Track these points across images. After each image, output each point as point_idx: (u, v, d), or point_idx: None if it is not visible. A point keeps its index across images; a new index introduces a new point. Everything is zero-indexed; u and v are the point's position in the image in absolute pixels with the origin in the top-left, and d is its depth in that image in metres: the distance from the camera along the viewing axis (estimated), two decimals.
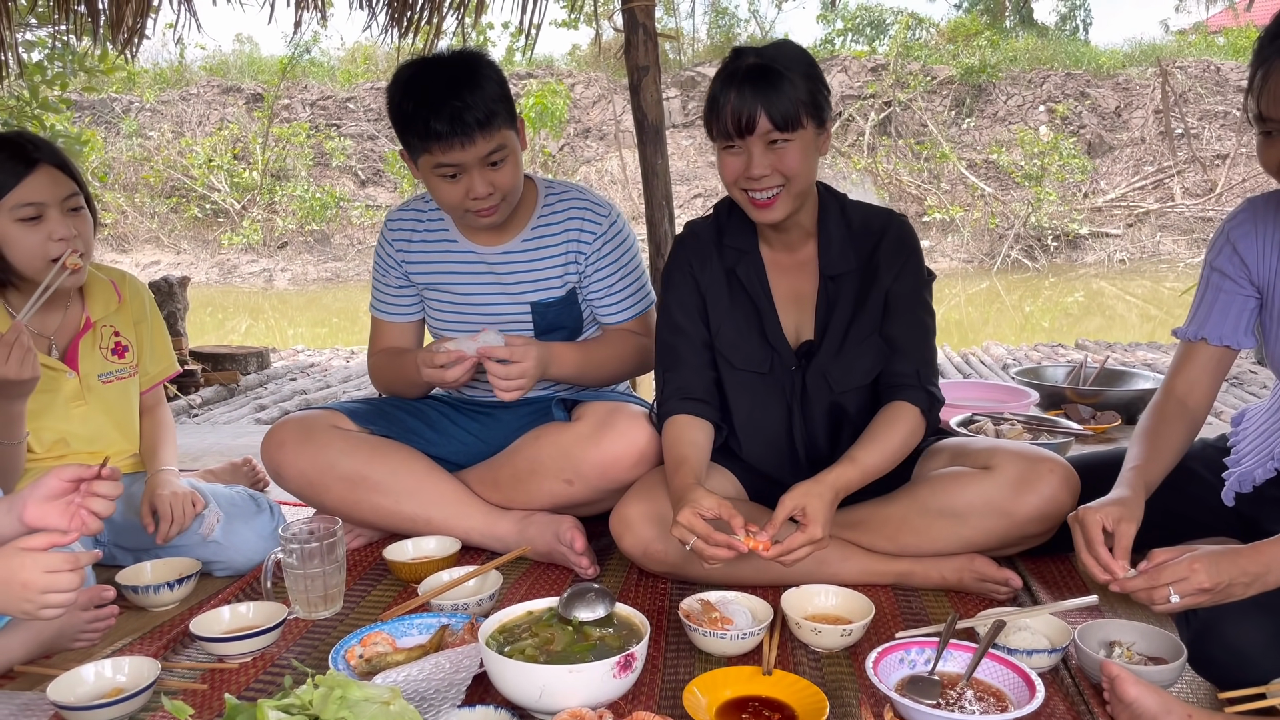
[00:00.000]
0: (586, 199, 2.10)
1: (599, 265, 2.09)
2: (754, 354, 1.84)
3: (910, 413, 1.75)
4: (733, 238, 1.86)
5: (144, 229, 14.04)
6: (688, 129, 14.48)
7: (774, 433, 1.87)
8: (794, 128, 1.63)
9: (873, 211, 1.86)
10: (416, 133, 1.84)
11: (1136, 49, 15.41)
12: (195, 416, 3.84)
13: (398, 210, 2.19)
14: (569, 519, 1.91)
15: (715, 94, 1.65)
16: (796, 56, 1.66)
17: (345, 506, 1.97)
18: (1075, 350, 5.25)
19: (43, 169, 1.82)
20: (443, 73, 1.84)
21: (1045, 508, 1.71)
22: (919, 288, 1.82)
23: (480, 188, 1.89)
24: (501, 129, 1.86)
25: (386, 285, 2.20)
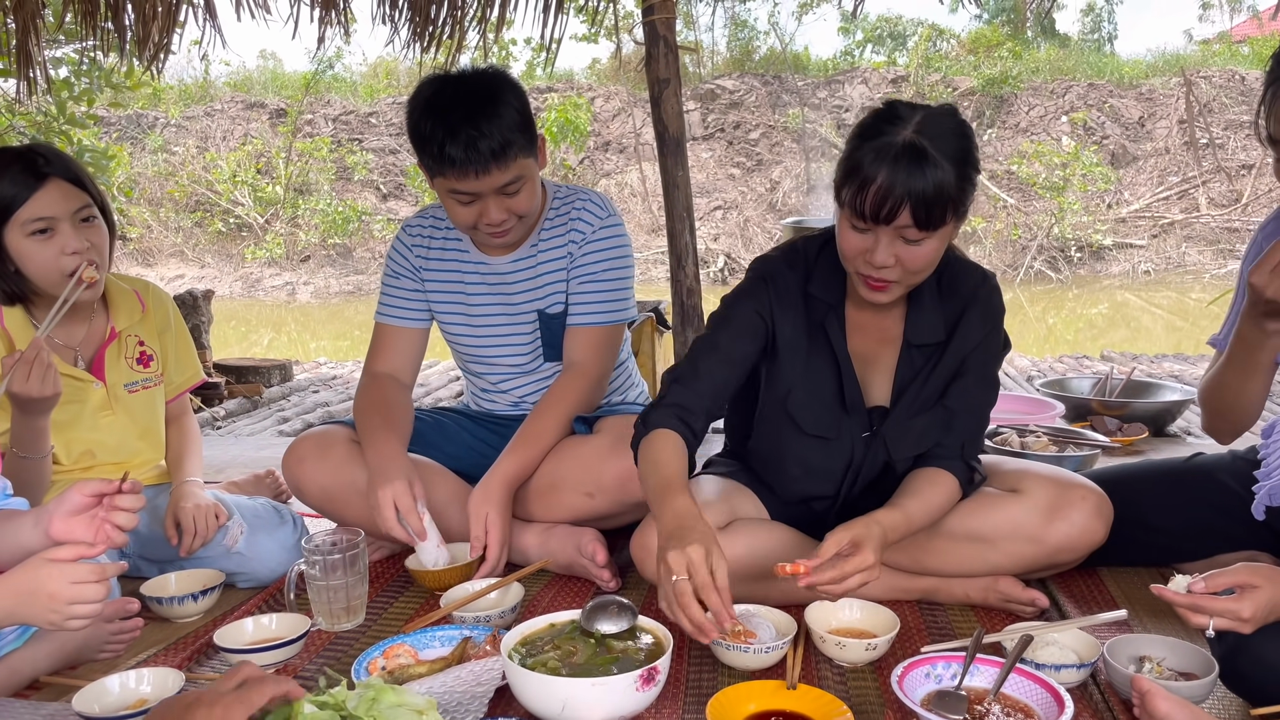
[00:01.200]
0: (589, 199, 2.07)
1: (582, 264, 2.03)
2: (824, 418, 1.71)
3: (951, 481, 1.67)
4: (820, 287, 1.70)
5: (169, 243, 14.20)
6: (707, 141, 14.51)
7: (824, 489, 1.78)
8: (936, 225, 1.47)
9: (965, 270, 1.71)
10: (431, 155, 1.82)
11: (1160, 59, 15.33)
12: (219, 428, 3.87)
13: (416, 216, 2.17)
14: (590, 532, 1.90)
15: (859, 163, 1.45)
16: (954, 134, 1.47)
17: (366, 521, 1.97)
18: (1101, 362, 5.20)
19: (53, 183, 1.82)
20: (462, 96, 1.80)
21: (1077, 536, 1.68)
22: (991, 361, 1.73)
23: (494, 215, 1.87)
24: (518, 158, 1.82)
25: (399, 289, 2.14)
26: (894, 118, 1.47)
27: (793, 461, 1.76)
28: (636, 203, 13.98)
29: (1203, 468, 1.90)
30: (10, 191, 1.79)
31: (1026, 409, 3.06)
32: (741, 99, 14.97)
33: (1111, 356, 5.35)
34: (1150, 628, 1.68)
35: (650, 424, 1.64)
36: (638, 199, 14.00)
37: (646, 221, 13.68)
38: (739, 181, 14.23)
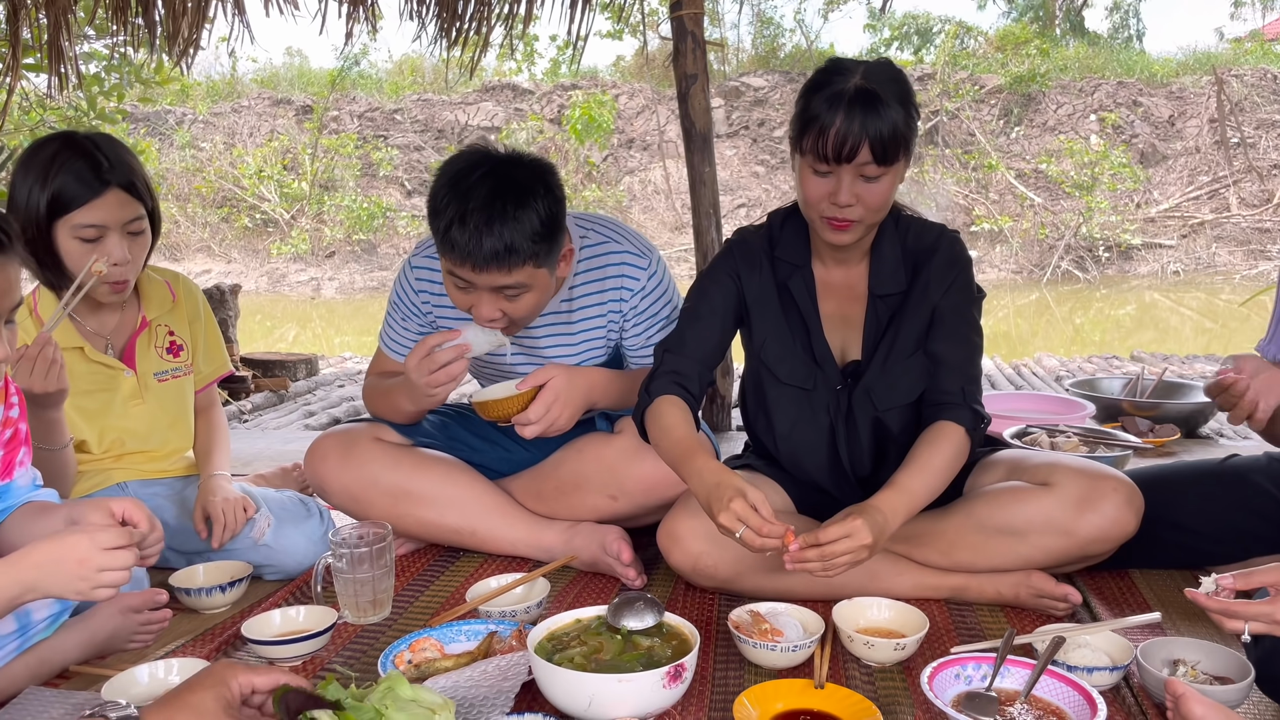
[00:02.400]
0: (625, 249, 1.96)
1: (638, 320, 1.99)
2: (799, 370, 1.81)
3: (954, 432, 1.68)
4: (785, 250, 1.82)
5: (196, 238, 14.32)
6: (732, 139, 14.46)
7: (818, 449, 1.83)
8: (891, 160, 1.59)
9: (925, 227, 1.82)
10: (436, 231, 1.71)
11: (1191, 57, 15.13)
12: (246, 422, 3.90)
13: (422, 254, 2.02)
14: (615, 529, 1.90)
15: (816, 113, 1.57)
16: (895, 80, 1.60)
17: (389, 519, 1.96)
18: (1131, 362, 5.13)
19: (112, 192, 1.84)
20: (488, 183, 1.67)
21: (1108, 528, 1.67)
22: (967, 305, 1.77)
23: (486, 310, 1.76)
24: (525, 266, 1.70)
25: (404, 328, 2.07)
26: (840, 70, 1.60)
27: (778, 415, 1.83)
28: (660, 200, 13.96)
29: (1238, 470, 1.88)
30: (71, 191, 1.81)
31: (1056, 409, 3.03)
32: (766, 96, 14.91)
33: (1142, 357, 5.28)
34: (1184, 630, 1.65)
35: (653, 392, 1.74)
36: (661, 196, 13.98)
37: (670, 219, 13.66)
38: (763, 179, 14.17)
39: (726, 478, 1.52)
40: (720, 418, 3.37)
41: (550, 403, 1.80)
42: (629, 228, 2.04)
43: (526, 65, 16.87)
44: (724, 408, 3.38)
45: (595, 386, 1.89)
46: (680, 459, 1.61)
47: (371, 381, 2.13)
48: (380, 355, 2.15)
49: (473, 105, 15.30)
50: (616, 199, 13.90)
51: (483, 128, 14.97)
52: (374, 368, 2.16)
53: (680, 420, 1.68)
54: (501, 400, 1.82)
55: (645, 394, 1.76)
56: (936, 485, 1.64)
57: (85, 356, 1.97)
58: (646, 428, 1.74)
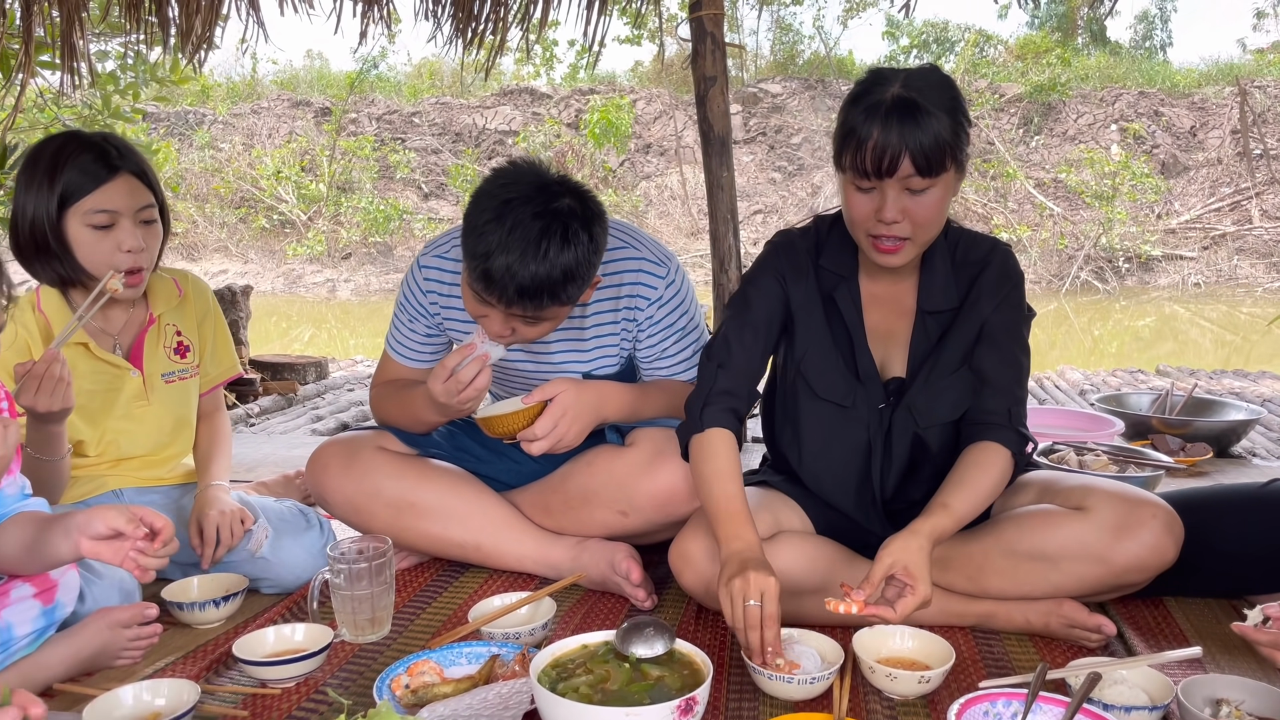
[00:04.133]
0: (642, 255, 1.88)
1: (653, 331, 1.90)
2: (838, 385, 1.72)
3: (999, 454, 1.61)
4: (831, 259, 1.73)
5: (213, 238, 14.40)
6: (749, 145, 14.42)
7: (849, 468, 1.75)
8: (937, 172, 1.50)
9: (975, 240, 1.74)
10: (469, 252, 1.62)
11: (1213, 68, 15.00)
12: (252, 425, 3.84)
13: (431, 253, 1.94)
14: (624, 548, 1.82)
15: (854, 125, 1.50)
16: (941, 88, 1.51)
17: (392, 532, 1.90)
18: (1157, 376, 5.02)
19: (122, 177, 1.80)
20: (535, 216, 1.58)
21: (1146, 556, 1.58)
22: (1017, 322, 1.69)
23: (498, 328, 1.69)
24: (551, 307, 1.65)
25: (412, 331, 1.99)
26: (880, 80, 1.52)
27: (810, 431, 1.75)
28: (676, 205, 13.92)
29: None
30: (79, 180, 1.77)
31: (1083, 425, 2.93)
32: (784, 103, 14.86)
33: (1167, 371, 5.16)
34: (1225, 666, 1.56)
35: (706, 420, 1.66)
36: (677, 201, 13.94)
37: (686, 224, 13.62)
38: (780, 186, 14.11)
39: (752, 555, 1.47)
40: None
41: (558, 417, 1.73)
42: (647, 234, 1.96)
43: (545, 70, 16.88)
44: None
45: (606, 400, 1.81)
46: (723, 519, 1.55)
47: (381, 390, 2.06)
48: (387, 360, 2.07)
49: (490, 109, 15.31)
50: (633, 204, 13.86)
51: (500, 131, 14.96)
52: (381, 374, 2.09)
53: (730, 468, 1.60)
54: (507, 416, 1.74)
55: (699, 419, 1.66)
56: (979, 507, 1.57)
57: (90, 353, 1.91)
58: (692, 457, 1.66)
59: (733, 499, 1.57)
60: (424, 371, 2.01)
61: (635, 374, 2.00)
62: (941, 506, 1.53)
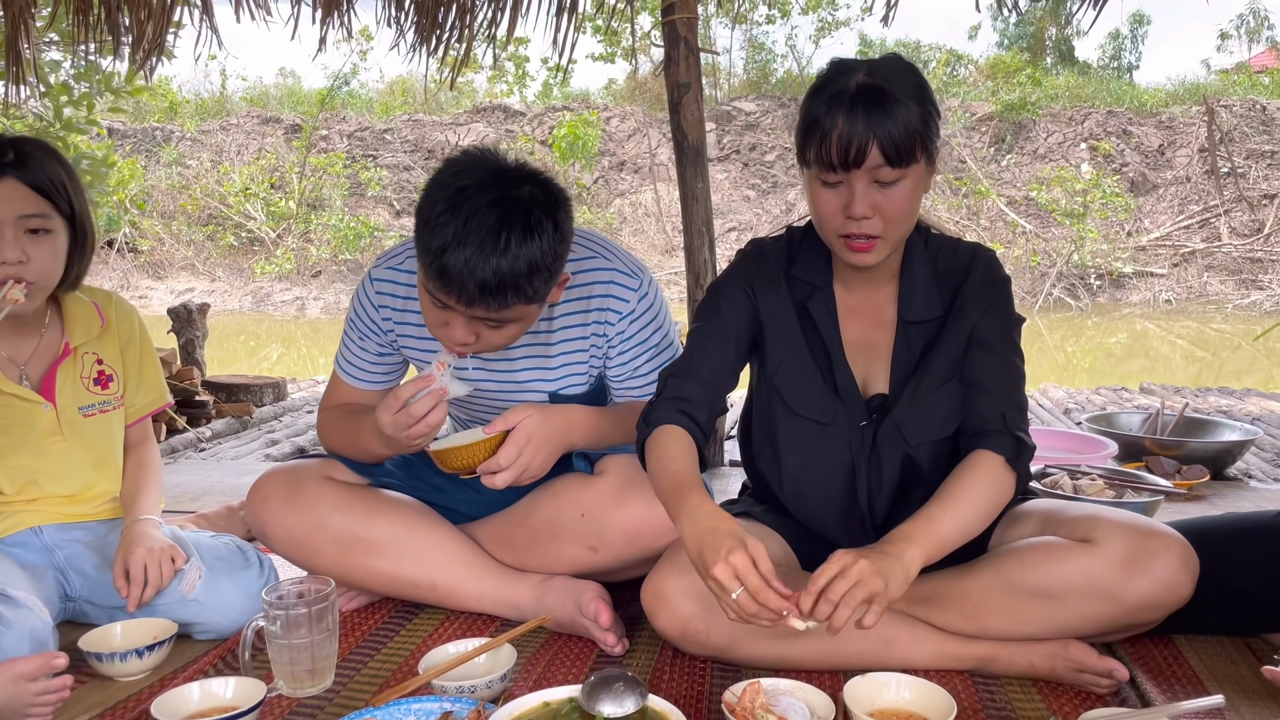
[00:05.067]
0: (613, 266, 1.74)
1: (625, 347, 1.76)
2: (816, 401, 1.60)
3: (991, 463, 1.47)
4: (804, 269, 1.63)
5: (180, 256, 14.18)
6: (723, 162, 14.38)
7: (832, 491, 1.62)
8: (907, 162, 1.40)
9: (957, 247, 1.63)
10: (423, 247, 1.47)
11: (1180, 87, 15.17)
12: (203, 451, 3.65)
13: (384, 265, 1.79)
14: (592, 587, 1.67)
15: (818, 116, 1.41)
16: (908, 75, 1.43)
17: (339, 571, 1.74)
18: (1141, 394, 4.93)
19: (6, 182, 1.62)
20: (493, 207, 1.44)
21: (1160, 592, 1.45)
22: (1007, 325, 1.58)
23: (461, 335, 1.55)
24: (517, 305, 1.50)
25: (363, 350, 1.84)
26: (843, 70, 1.44)
27: (788, 450, 1.62)
28: (651, 223, 13.85)
29: None
30: None
31: (1075, 447, 2.82)
32: (758, 121, 14.86)
33: (1152, 389, 5.08)
34: (1246, 714, 1.43)
35: (653, 422, 1.54)
36: (652, 219, 13.87)
37: (660, 242, 13.54)
38: (754, 204, 14.06)
39: (724, 523, 1.31)
40: (712, 453, 3.15)
41: (522, 445, 1.58)
42: (618, 245, 1.82)
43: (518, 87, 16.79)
44: (716, 441, 3.16)
45: (573, 426, 1.67)
46: (673, 494, 1.40)
47: (329, 415, 1.90)
48: (336, 382, 1.92)
49: (463, 126, 15.19)
50: (607, 221, 13.77)
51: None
52: (329, 397, 1.93)
53: (680, 452, 1.47)
54: (464, 448, 1.58)
55: (644, 424, 1.55)
56: (967, 520, 1.41)
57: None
58: (646, 461, 1.53)
59: (680, 475, 1.42)
60: (375, 395, 1.86)
61: (606, 395, 1.85)
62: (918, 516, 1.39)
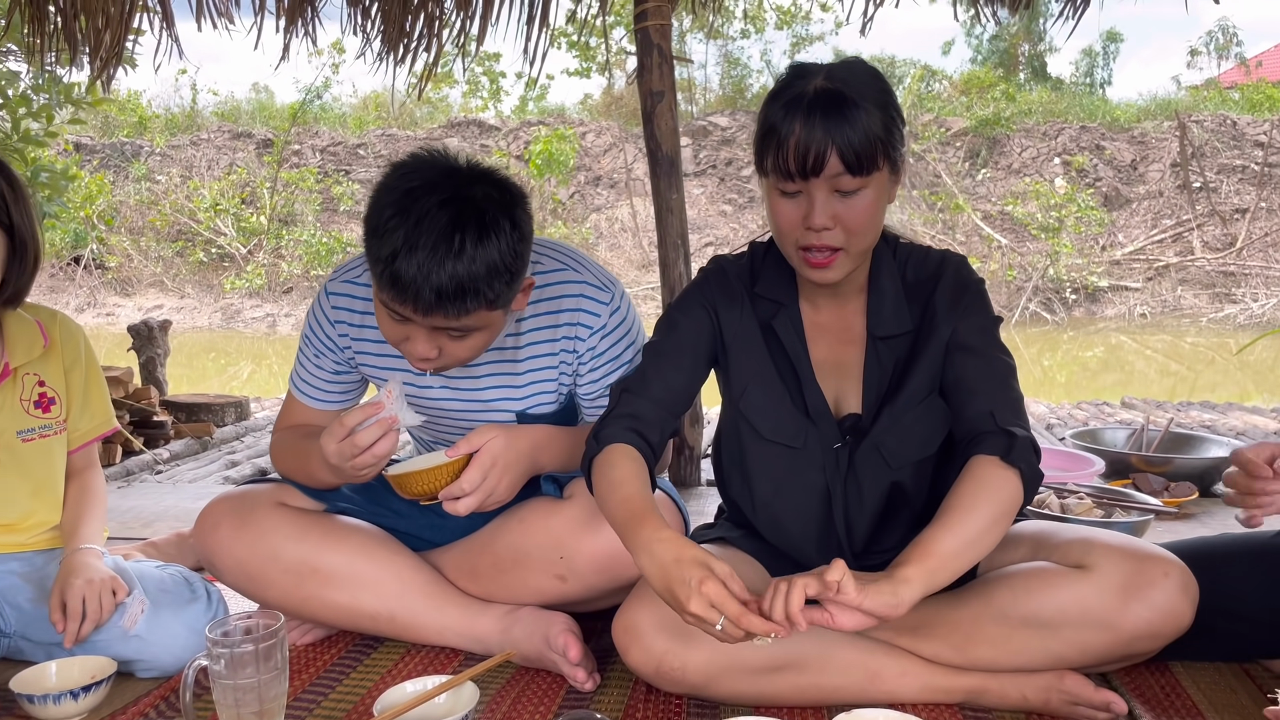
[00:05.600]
0: (583, 279, 1.66)
1: (596, 364, 1.68)
2: (786, 424, 1.52)
3: (986, 467, 1.34)
4: (768, 287, 1.55)
5: (148, 272, 13.99)
6: (699, 177, 14.37)
7: (808, 516, 1.54)
8: (869, 170, 1.33)
9: (926, 256, 1.55)
10: (374, 256, 1.38)
11: (1151, 103, 15.32)
12: (159, 473, 3.52)
13: (340, 278, 1.70)
14: (561, 619, 1.58)
15: (774, 122, 1.34)
16: (869, 80, 1.36)
17: (292, 603, 1.64)
18: (1123, 409, 4.89)
19: None
20: (444, 208, 1.35)
21: (1158, 621, 1.37)
22: (987, 326, 1.50)
23: (422, 349, 1.46)
24: (479, 311, 1.41)
25: (318, 367, 1.74)
26: (802, 74, 1.37)
27: (759, 476, 1.54)
28: (627, 238, 13.80)
29: None
30: None
31: (1061, 464, 2.75)
32: (734, 136, 14.88)
33: (1134, 404, 5.04)
34: None
35: (603, 439, 1.46)
36: (628, 234, 13.82)
37: (637, 257, 13.49)
38: (730, 218, 14.05)
39: (686, 551, 1.22)
40: (689, 472, 3.06)
41: (487, 468, 1.49)
42: (589, 258, 1.73)
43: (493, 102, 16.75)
44: (693, 460, 3.08)
45: (541, 448, 1.58)
46: (627, 523, 1.31)
47: (281, 437, 1.80)
48: (291, 402, 1.82)
49: (437, 141, 15.09)
50: (583, 236, 13.71)
51: None
52: (284, 418, 1.83)
53: (631, 474, 1.38)
54: (425, 472, 1.48)
55: (594, 440, 1.47)
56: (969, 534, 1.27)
57: None
58: (593, 482, 1.43)
59: (631, 500, 1.33)
60: (332, 415, 1.75)
61: (576, 414, 1.76)
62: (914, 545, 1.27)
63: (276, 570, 1.65)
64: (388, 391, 1.49)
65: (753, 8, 16.53)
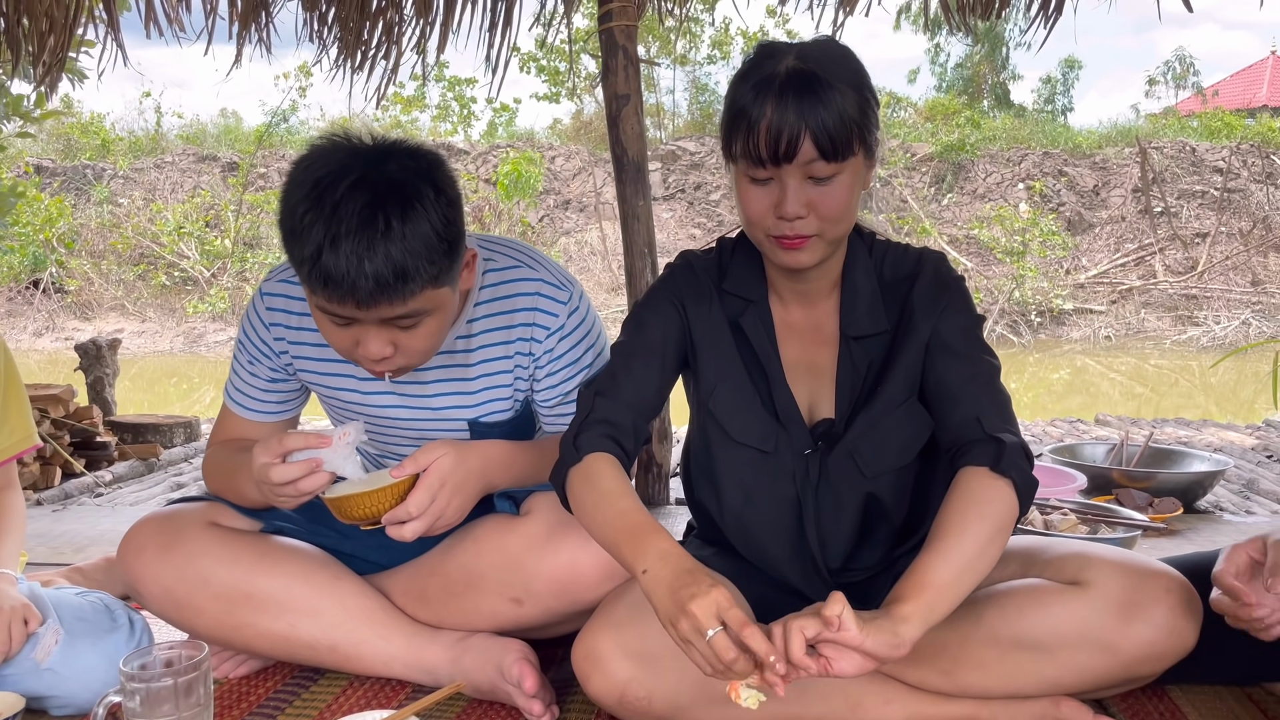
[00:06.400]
0: (539, 277, 1.54)
1: (554, 368, 1.56)
2: (755, 427, 1.42)
3: (976, 479, 1.24)
4: (736, 283, 1.45)
5: (109, 296, 13.79)
6: (669, 201, 14.39)
7: (779, 528, 1.44)
8: (844, 155, 1.25)
9: (904, 254, 1.46)
10: (299, 259, 1.28)
11: (1112, 130, 15.58)
12: (99, 495, 3.35)
13: (276, 278, 1.59)
14: (516, 646, 1.45)
15: (744, 104, 1.25)
16: (843, 60, 1.28)
17: (224, 632, 1.51)
18: (1097, 426, 4.85)
19: None
20: (363, 191, 1.25)
21: (1161, 641, 1.28)
22: (969, 325, 1.40)
23: (375, 349, 1.34)
24: (425, 290, 1.30)
25: (253, 375, 1.62)
26: (771, 54, 1.29)
27: (729, 482, 1.45)
28: (596, 261, 13.76)
29: None
30: None
31: (1041, 479, 2.63)
32: (703, 160, 14.94)
33: (1108, 420, 5.00)
34: None
35: (582, 447, 1.35)
36: (598, 258, 13.78)
37: (606, 280, 13.44)
38: (699, 242, 14.04)
39: (702, 566, 1.15)
40: (657, 490, 2.95)
41: (435, 490, 1.36)
42: (545, 255, 1.62)
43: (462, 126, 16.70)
44: (661, 478, 2.96)
45: (494, 464, 1.46)
46: (628, 537, 1.21)
47: (214, 451, 1.67)
48: (225, 414, 1.69)
49: None
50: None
51: None
52: (218, 432, 1.70)
53: (623, 487, 1.30)
54: (366, 495, 1.35)
55: (572, 449, 1.35)
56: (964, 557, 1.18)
57: None
58: (572, 493, 1.32)
59: (630, 513, 1.24)
60: (269, 428, 1.63)
61: (534, 424, 1.65)
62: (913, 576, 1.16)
63: (206, 596, 1.51)
64: (343, 434, 1.38)
65: (719, 34, 16.64)
